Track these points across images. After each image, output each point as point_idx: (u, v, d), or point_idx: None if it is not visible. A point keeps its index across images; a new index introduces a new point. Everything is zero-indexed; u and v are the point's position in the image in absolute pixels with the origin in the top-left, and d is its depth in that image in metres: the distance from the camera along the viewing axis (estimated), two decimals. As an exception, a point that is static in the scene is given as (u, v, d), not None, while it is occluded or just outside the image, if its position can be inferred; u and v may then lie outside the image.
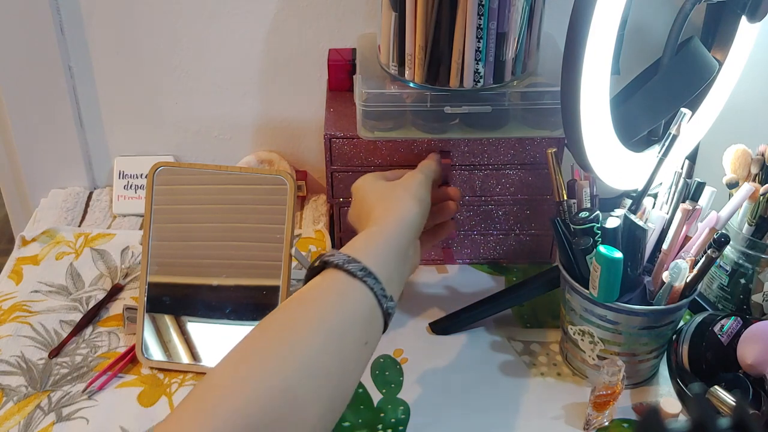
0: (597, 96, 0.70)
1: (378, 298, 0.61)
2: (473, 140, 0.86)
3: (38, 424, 0.74)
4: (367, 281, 0.60)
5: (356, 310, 0.60)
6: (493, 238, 0.94)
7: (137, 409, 0.76)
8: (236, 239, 0.80)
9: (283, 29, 0.97)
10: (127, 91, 1.02)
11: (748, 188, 0.75)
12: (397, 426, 0.75)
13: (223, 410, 0.51)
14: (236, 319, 0.80)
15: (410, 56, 0.80)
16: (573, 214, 0.74)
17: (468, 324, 0.86)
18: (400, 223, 0.69)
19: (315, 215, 1.03)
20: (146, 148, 1.07)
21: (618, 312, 0.73)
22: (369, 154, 0.87)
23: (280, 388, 0.53)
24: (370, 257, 0.63)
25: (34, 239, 0.96)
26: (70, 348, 0.82)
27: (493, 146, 0.87)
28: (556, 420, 0.76)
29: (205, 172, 0.80)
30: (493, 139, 0.86)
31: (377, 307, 0.61)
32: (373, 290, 0.61)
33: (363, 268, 0.61)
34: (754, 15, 0.76)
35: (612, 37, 0.68)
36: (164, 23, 0.97)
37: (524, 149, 0.87)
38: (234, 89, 1.02)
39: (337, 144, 0.86)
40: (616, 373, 0.71)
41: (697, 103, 0.82)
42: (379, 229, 0.68)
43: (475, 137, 0.85)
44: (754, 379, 0.71)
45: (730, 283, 0.84)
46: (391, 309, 0.62)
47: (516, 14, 0.77)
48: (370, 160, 0.88)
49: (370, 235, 0.67)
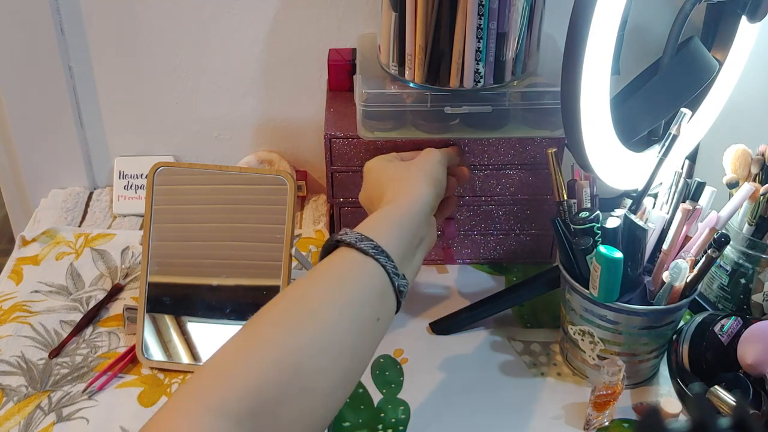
0: (597, 96, 0.70)
1: (390, 275, 0.61)
2: (473, 141, 0.86)
3: (38, 424, 0.74)
4: (379, 259, 0.61)
5: (369, 285, 0.61)
6: (493, 238, 0.94)
7: (137, 409, 0.76)
8: (236, 239, 0.80)
9: (283, 29, 0.97)
10: (127, 91, 1.02)
11: (749, 188, 0.75)
12: (397, 426, 0.75)
13: (231, 386, 0.51)
14: (236, 319, 0.80)
15: (410, 56, 0.80)
16: (573, 214, 0.74)
17: (468, 324, 0.86)
18: (414, 202, 0.69)
19: (315, 215, 1.03)
20: (146, 148, 1.07)
21: (618, 312, 0.73)
22: (369, 154, 0.87)
23: (288, 361, 0.53)
24: (383, 236, 0.63)
25: (34, 239, 0.96)
26: (70, 348, 0.82)
27: (493, 147, 0.87)
28: (556, 420, 0.76)
29: (205, 172, 0.80)
30: (493, 139, 0.86)
31: (389, 285, 0.62)
32: (385, 268, 0.61)
33: (375, 246, 0.62)
34: (754, 15, 0.76)
35: (612, 37, 0.68)
36: (164, 23, 0.97)
37: (524, 149, 0.87)
38: (234, 89, 1.02)
39: (337, 144, 0.86)
40: (617, 373, 0.71)
41: (697, 103, 0.82)
42: (393, 208, 0.68)
43: (475, 137, 0.85)
44: (754, 379, 0.71)
45: (731, 283, 0.84)
46: (403, 287, 0.63)
47: (516, 14, 0.77)
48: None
49: (383, 214, 0.67)
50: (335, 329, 0.57)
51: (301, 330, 0.56)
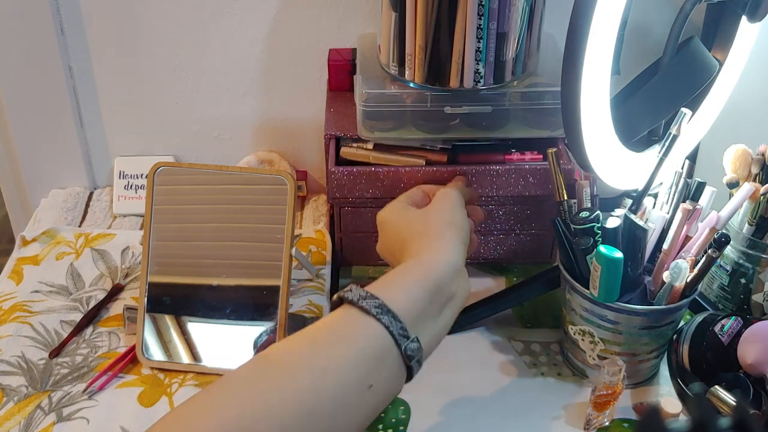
0: (597, 96, 0.70)
1: (395, 337, 0.56)
2: (480, 170, 0.84)
3: (38, 424, 0.74)
4: (382, 319, 0.56)
5: (363, 348, 0.55)
6: (493, 238, 0.94)
7: (138, 409, 0.76)
8: (236, 239, 0.80)
9: (283, 29, 0.97)
10: (127, 91, 1.02)
11: (749, 188, 0.75)
12: (398, 426, 0.75)
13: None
14: (236, 319, 0.80)
15: (410, 56, 0.80)
16: (573, 214, 0.74)
17: (468, 324, 0.86)
18: (441, 260, 0.63)
19: (315, 215, 1.03)
20: (146, 148, 1.07)
21: (618, 312, 0.73)
22: (370, 184, 0.86)
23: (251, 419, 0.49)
24: (394, 294, 0.58)
25: (34, 239, 0.96)
26: (70, 348, 0.82)
27: (502, 177, 0.85)
28: (557, 420, 0.76)
29: (205, 172, 0.80)
30: (502, 169, 0.84)
31: (393, 348, 0.56)
32: (388, 328, 0.56)
33: (380, 305, 0.57)
34: (755, 15, 0.76)
35: (612, 37, 0.68)
36: (164, 23, 0.97)
37: (536, 178, 0.85)
38: (234, 89, 1.02)
39: (338, 174, 0.85)
40: (617, 373, 0.71)
41: (697, 103, 0.82)
42: (415, 264, 0.63)
43: (475, 137, 0.85)
44: (755, 379, 0.71)
45: (731, 282, 0.84)
46: (411, 351, 0.57)
47: (516, 14, 0.77)
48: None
49: (402, 271, 0.62)
50: (310, 395, 0.52)
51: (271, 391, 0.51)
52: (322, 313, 0.86)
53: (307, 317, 0.86)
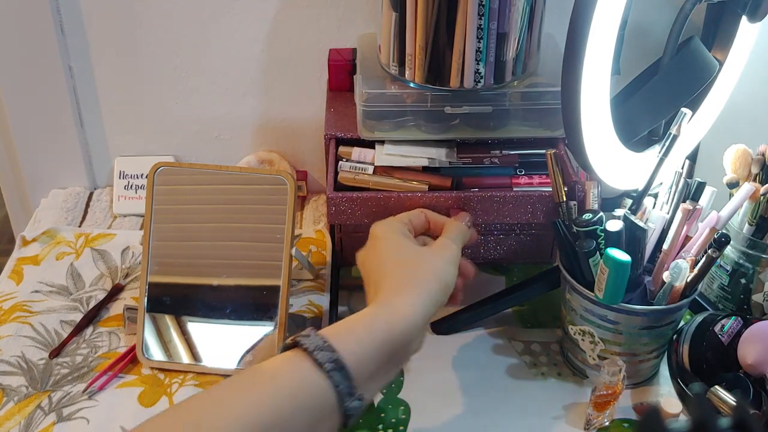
0: (597, 96, 0.70)
1: (341, 396, 0.54)
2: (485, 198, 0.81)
3: (39, 424, 0.74)
4: (333, 376, 0.53)
5: (305, 405, 0.53)
6: (493, 238, 0.94)
7: (138, 409, 0.76)
8: (236, 239, 0.80)
9: (283, 29, 0.97)
10: (127, 91, 1.02)
11: (749, 188, 0.75)
12: (398, 426, 0.75)
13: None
14: (236, 319, 0.80)
15: (410, 56, 0.80)
16: (575, 216, 0.74)
17: (468, 324, 0.86)
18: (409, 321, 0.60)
19: (315, 215, 1.03)
20: (146, 148, 1.07)
21: (618, 312, 0.73)
22: (371, 213, 0.84)
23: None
24: (355, 345, 0.56)
25: (34, 239, 0.96)
26: (70, 348, 0.82)
27: (509, 204, 0.82)
28: (557, 420, 0.76)
29: (205, 172, 0.80)
30: (508, 196, 0.81)
31: (335, 407, 0.54)
32: (337, 387, 0.53)
33: (335, 359, 0.54)
34: (755, 15, 0.76)
35: (612, 38, 0.68)
36: (164, 23, 0.97)
37: (542, 204, 0.82)
38: (234, 89, 1.02)
39: (335, 201, 0.82)
40: (617, 373, 0.71)
41: (697, 103, 0.82)
42: (382, 320, 0.59)
43: (475, 137, 0.85)
44: (755, 379, 0.71)
45: (731, 282, 0.84)
46: (352, 411, 0.54)
47: (516, 14, 0.77)
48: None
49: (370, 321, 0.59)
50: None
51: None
52: (322, 313, 0.86)
53: (307, 317, 0.86)
